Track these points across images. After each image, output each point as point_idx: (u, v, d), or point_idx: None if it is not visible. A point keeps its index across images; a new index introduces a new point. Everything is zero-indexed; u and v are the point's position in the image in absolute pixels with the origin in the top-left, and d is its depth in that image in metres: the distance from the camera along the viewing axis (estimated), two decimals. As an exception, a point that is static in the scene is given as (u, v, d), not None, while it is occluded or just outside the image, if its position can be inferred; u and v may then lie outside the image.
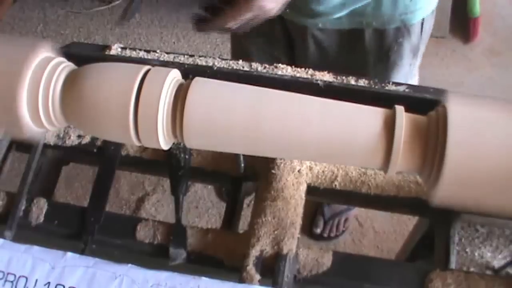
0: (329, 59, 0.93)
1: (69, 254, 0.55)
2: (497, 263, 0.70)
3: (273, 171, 0.62)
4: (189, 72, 0.55)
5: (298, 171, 0.62)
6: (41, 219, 0.64)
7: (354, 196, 0.64)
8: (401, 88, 0.64)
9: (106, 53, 0.73)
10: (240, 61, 0.69)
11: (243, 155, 0.64)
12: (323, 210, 1.53)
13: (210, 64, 0.69)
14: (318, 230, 1.53)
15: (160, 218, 1.57)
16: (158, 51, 0.71)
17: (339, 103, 0.45)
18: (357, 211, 1.57)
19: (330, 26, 0.88)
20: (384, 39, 0.89)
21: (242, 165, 0.65)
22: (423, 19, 0.89)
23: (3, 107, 0.45)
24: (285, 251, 0.57)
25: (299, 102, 0.45)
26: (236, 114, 0.44)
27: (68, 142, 0.69)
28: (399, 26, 0.88)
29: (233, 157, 0.65)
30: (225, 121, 0.44)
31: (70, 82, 0.46)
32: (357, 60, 0.92)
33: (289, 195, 0.61)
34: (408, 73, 0.97)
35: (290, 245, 0.58)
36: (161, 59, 0.69)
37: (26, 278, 0.53)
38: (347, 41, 0.90)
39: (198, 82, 0.46)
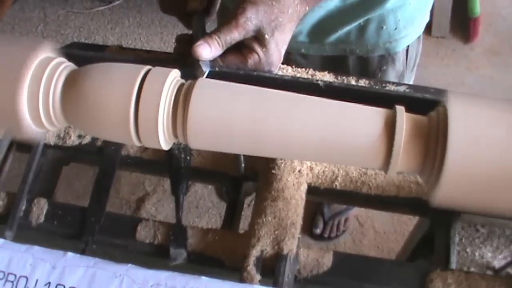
0: None
1: (70, 254, 0.55)
2: (497, 263, 0.70)
3: (273, 171, 0.62)
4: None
5: (299, 171, 0.62)
6: (42, 219, 0.64)
7: (354, 196, 0.64)
8: (401, 88, 0.64)
9: (106, 53, 0.74)
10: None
11: (244, 155, 0.64)
12: (323, 210, 1.53)
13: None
14: (318, 231, 1.53)
15: (160, 218, 1.57)
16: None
17: (339, 103, 0.45)
18: (357, 211, 1.57)
19: (313, 52, 0.87)
20: (367, 67, 0.88)
21: (243, 165, 0.65)
22: (408, 46, 0.88)
23: (3, 108, 0.45)
24: (285, 251, 0.57)
25: (300, 102, 0.45)
26: (238, 115, 0.44)
27: (68, 142, 0.69)
28: (383, 54, 0.87)
29: (234, 157, 0.65)
30: (227, 122, 0.44)
31: (71, 83, 0.46)
32: None
33: (289, 195, 0.61)
34: None
35: (291, 245, 0.58)
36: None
37: (27, 278, 0.53)
38: (330, 68, 0.88)
39: (202, 83, 0.46)
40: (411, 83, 0.98)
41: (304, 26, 0.81)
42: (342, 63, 0.87)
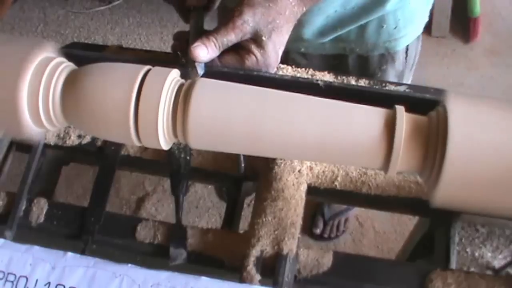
0: None
1: (70, 254, 0.55)
2: (497, 263, 0.70)
3: (273, 171, 0.62)
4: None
5: (299, 171, 0.62)
6: (42, 219, 0.64)
7: (354, 196, 0.64)
8: (401, 88, 0.64)
9: (106, 53, 0.74)
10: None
11: (244, 155, 0.64)
12: (323, 210, 1.53)
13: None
14: (318, 231, 1.53)
15: (160, 218, 1.57)
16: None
17: (339, 103, 0.45)
18: (357, 211, 1.57)
19: (313, 51, 0.87)
20: (367, 65, 0.88)
21: (243, 165, 0.65)
22: (407, 46, 0.89)
23: (3, 107, 0.45)
24: (285, 251, 0.57)
25: (300, 102, 0.45)
26: (238, 115, 0.44)
27: (68, 142, 0.69)
28: (383, 53, 0.87)
29: (234, 157, 0.65)
30: (227, 122, 0.44)
31: (70, 82, 0.46)
32: None
33: (289, 195, 0.61)
34: None
35: (291, 245, 0.58)
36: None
37: (27, 278, 0.53)
38: (330, 66, 0.88)
39: (202, 83, 0.46)
40: (409, 82, 0.98)
41: (304, 29, 0.81)
42: (342, 62, 0.88)
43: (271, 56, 0.58)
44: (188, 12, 0.66)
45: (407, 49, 0.89)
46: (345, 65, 0.88)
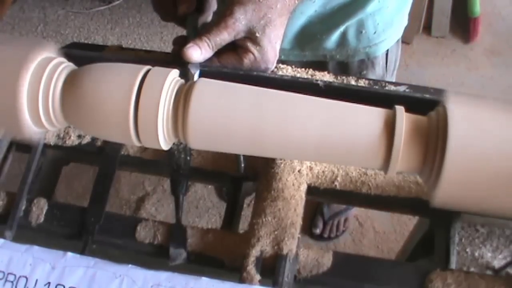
0: None
1: (69, 254, 0.55)
2: (497, 263, 0.70)
3: (273, 171, 0.62)
4: (189, 72, 0.55)
5: (298, 171, 0.62)
6: (41, 219, 0.64)
7: (354, 196, 0.64)
8: (401, 88, 0.64)
9: (106, 53, 0.74)
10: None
11: (244, 155, 0.64)
12: (323, 210, 1.54)
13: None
14: (318, 231, 1.54)
15: (160, 218, 1.57)
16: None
17: (339, 103, 0.45)
18: (356, 211, 1.57)
19: (293, 58, 0.87)
20: (347, 71, 0.89)
21: (242, 165, 0.65)
22: (387, 51, 0.89)
23: (3, 107, 0.45)
24: (285, 251, 0.57)
25: (300, 103, 0.45)
26: (239, 115, 0.44)
27: (68, 142, 0.69)
28: (363, 59, 0.87)
29: (233, 157, 0.65)
30: (228, 122, 0.44)
31: (70, 83, 0.46)
32: None
33: (289, 195, 0.61)
34: None
35: (290, 245, 0.58)
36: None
37: (26, 278, 0.53)
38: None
39: (202, 83, 0.46)
40: None
41: (286, 33, 0.82)
42: (322, 68, 0.88)
43: (268, 51, 0.58)
44: (184, 20, 0.66)
45: (387, 54, 0.90)
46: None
